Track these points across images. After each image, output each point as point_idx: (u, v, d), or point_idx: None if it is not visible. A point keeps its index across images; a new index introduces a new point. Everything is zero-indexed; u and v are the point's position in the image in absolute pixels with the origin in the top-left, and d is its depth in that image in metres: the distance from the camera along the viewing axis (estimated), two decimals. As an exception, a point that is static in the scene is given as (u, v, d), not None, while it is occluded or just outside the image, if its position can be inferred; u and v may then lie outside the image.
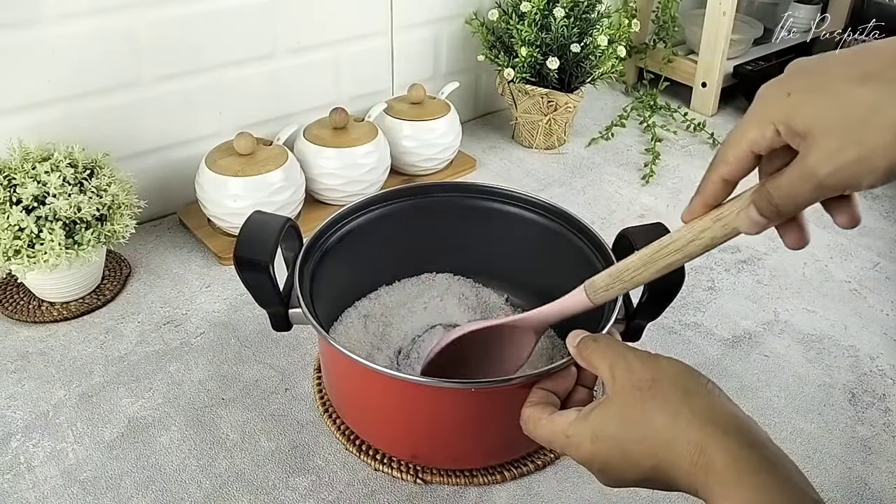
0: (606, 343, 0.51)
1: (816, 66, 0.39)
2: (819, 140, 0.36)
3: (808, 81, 0.38)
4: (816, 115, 0.37)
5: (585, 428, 0.47)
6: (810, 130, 0.37)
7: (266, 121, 1.01)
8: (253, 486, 0.64)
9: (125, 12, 0.85)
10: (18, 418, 0.69)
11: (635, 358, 0.48)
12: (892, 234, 1.02)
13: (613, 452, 0.46)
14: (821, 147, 0.36)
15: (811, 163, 0.37)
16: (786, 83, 0.39)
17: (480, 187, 0.77)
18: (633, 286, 0.51)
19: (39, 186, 0.73)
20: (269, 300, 0.63)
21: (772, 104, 0.39)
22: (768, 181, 0.40)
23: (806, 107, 0.37)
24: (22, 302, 0.82)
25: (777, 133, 0.39)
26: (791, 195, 0.39)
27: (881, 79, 0.35)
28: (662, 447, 0.44)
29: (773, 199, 0.39)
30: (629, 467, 0.45)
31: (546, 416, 0.51)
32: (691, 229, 0.45)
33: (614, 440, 0.46)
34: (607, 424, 0.46)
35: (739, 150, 0.41)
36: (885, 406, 0.74)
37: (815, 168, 0.37)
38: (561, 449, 0.50)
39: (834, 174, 0.36)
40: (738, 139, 0.41)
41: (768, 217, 0.40)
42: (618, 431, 0.46)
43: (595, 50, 1.10)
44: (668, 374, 0.47)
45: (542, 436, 0.51)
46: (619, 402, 0.47)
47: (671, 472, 0.43)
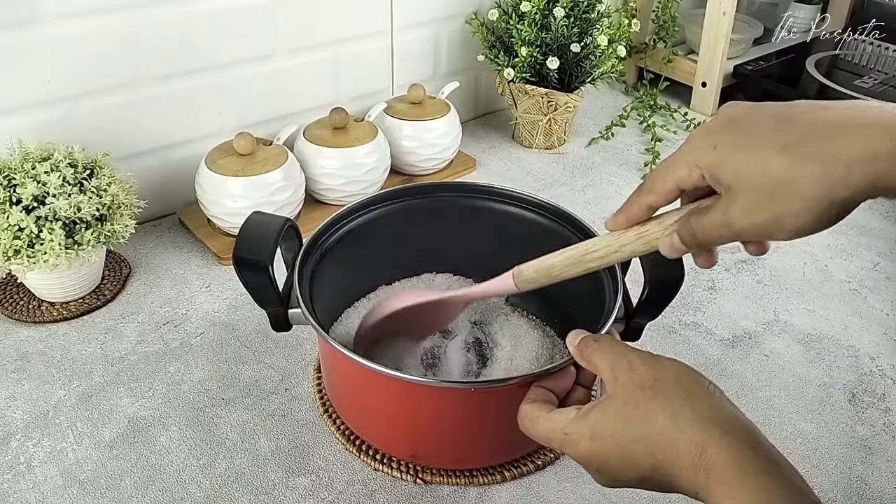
0: (607, 343, 0.51)
1: (744, 122, 0.42)
2: (739, 196, 0.41)
3: (735, 138, 0.42)
4: (738, 173, 0.41)
5: (584, 426, 0.47)
6: (732, 186, 0.41)
7: (266, 121, 1.01)
8: (253, 486, 0.64)
9: (125, 12, 0.85)
10: (18, 418, 0.69)
11: (637, 358, 0.48)
12: (892, 234, 1.02)
13: (612, 451, 0.46)
14: (740, 203, 0.41)
15: (731, 215, 0.42)
16: (713, 135, 0.43)
17: (480, 187, 0.77)
18: (555, 281, 0.55)
19: (39, 186, 0.73)
20: (268, 300, 0.63)
21: (699, 151, 0.43)
22: (693, 217, 0.45)
23: (729, 163, 0.42)
24: (22, 302, 0.82)
25: (702, 177, 0.43)
26: (712, 235, 0.44)
27: (795, 153, 0.39)
28: (663, 447, 0.44)
29: (696, 234, 0.45)
30: (628, 467, 0.45)
31: (544, 413, 0.51)
32: (616, 241, 0.50)
33: (614, 439, 0.46)
34: (607, 423, 0.46)
35: (667, 185, 0.46)
36: (885, 406, 0.74)
37: (734, 220, 0.42)
38: (559, 447, 0.50)
39: (749, 228, 0.42)
40: (665, 176, 0.45)
41: (689, 247, 0.46)
42: (617, 430, 0.46)
43: (595, 50, 1.10)
44: (670, 375, 0.47)
45: (539, 433, 0.51)
46: (620, 401, 0.47)
47: (671, 472, 0.43)
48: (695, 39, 1.32)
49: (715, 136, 0.43)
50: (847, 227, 1.02)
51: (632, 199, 0.48)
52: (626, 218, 0.49)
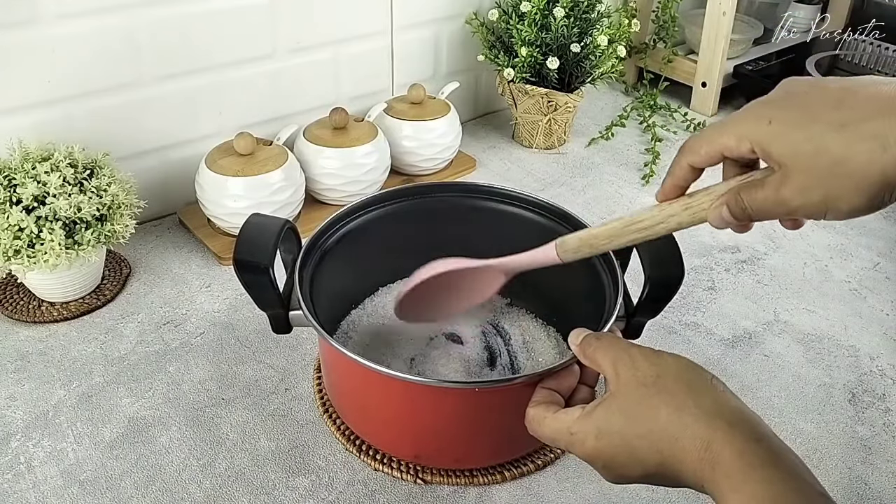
0: (609, 341, 0.51)
1: (801, 98, 0.41)
2: (792, 175, 0.40)
3: (790, 115, 0.41)
4: (791, 151, 0.40)
5: (589, 424, 0.48)
6: (785, 163, 0.40)
7: (266, 121, 1.01)
8: (253, 486, 0.64)
9: (125, 12, 0.85)
10: (18, 418, 0.69)
11: (639, 354, 0.49)
12: (892, 234, 1.02)
13: (618, 448, 0.46)
14: (793, 182, 0.40)
15: (785, 193, 0.41)
16: (770, 108, 0.42)
17: (480, 187, 0.77)
18: (598, 253, 0.54)
19: (39, 186, 0.73)
20: (269, 303, 0.63)
21: (752, 124, 0.42)
22: (743, 191, 0.43)
23: (783, 139, 0.40)
24: (22, 302, 0.82)
25: (752, 151, 0.42)
26: (763, 210, 0.43)
27: (854, 131, 0.38)
28: (668, 442, 0.44)
29: (746, 208, 0.43)
30: (634, 463, 0.46)
31: (550, 414, 0.51)
32: (661, 212, 0.48)
33: (619, 436, 0.46)
34: (612, 420, 0.47)
35: (712, 149, 0.44)
36: (885, 406, 0.74)
37: (787, 198, 0.41)
38: (566, 446, 0.50)
39: (802, 208, 0.41)
40: (712, 139, 0.44)
41: (739, 220, 0.44)
42: (622, 427, 0.46)
43: (595, 50, 1.10)
44: (673, 370, 0.47)
45: (546, 434, 0.51)
46: (623, 398, 0.47)
47: (677, 468, 0.44)
48: (695, 39, 1.32)
49: (771, 110, 0.42)
50: (847, 227, 1.02)
51: (673, 162, 0.47)
52: (672, 183, 0.47)
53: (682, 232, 0.50)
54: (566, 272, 0.73)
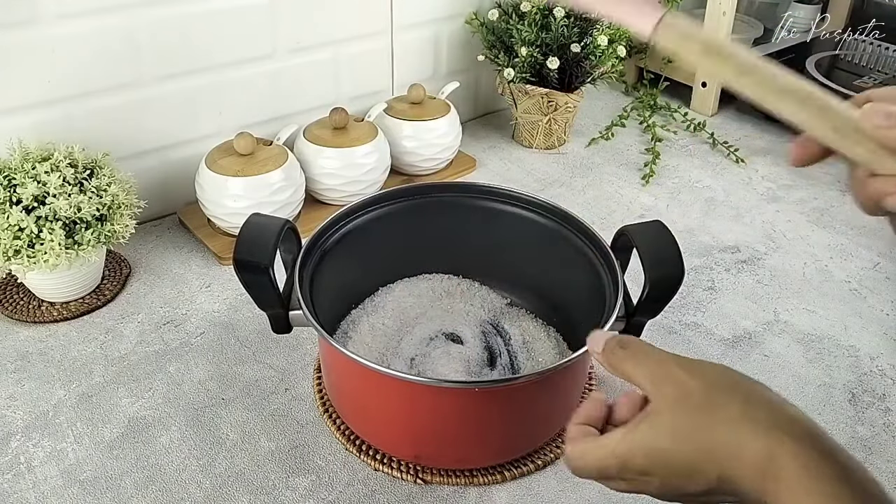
0: (638, 350, 0.47)
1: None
2: None
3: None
4: None
5: (635, 443, 0.44)
6: None
7: (266, 121, 1.01)
8: (253, 486, 0.64)
9: (125, 12, 0.85)
10: (18, 418, 0.69)
11: (676, 365, 0.46)
12: (892, 234, 1.01)
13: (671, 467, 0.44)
14: None
15: None
16: None
17: (480, 187, 0.77)
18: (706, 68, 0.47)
19: (39, 186, 0.73)
20: (269, 303, 0.63)
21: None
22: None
23: None
24: (22, 302, 0.82)
25: None
26: None
27: None
28: (726, 457, 0.42)
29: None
30: (690, 481, 0.43)
31: (591, 443, 0.47)
32: (854, 118, 0.42)
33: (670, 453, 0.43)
34: (660, 438, 0.44)
35: None
36: (885, 406, 0.74)
37: None
38: (617, 473, 0.45)
39: None
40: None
41: None
42: (672, 445, 0.43)
43: (595, 50, 1.10)
44: (718, 381, 0.45)
45: (592, 465, 0.46)
46: (670, 414, 0.44)
47: (737, 483, 0.42)
48: (695, 39, 1.32)
49: None
50: (847, 227, 1.02)
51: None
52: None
53: (681, 232, 0.49)
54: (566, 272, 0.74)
